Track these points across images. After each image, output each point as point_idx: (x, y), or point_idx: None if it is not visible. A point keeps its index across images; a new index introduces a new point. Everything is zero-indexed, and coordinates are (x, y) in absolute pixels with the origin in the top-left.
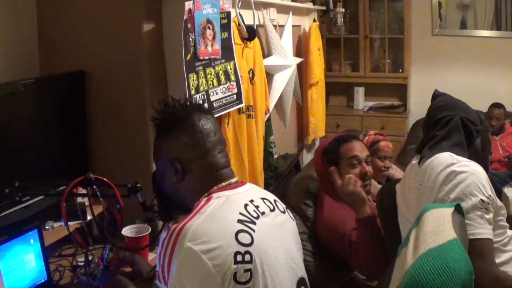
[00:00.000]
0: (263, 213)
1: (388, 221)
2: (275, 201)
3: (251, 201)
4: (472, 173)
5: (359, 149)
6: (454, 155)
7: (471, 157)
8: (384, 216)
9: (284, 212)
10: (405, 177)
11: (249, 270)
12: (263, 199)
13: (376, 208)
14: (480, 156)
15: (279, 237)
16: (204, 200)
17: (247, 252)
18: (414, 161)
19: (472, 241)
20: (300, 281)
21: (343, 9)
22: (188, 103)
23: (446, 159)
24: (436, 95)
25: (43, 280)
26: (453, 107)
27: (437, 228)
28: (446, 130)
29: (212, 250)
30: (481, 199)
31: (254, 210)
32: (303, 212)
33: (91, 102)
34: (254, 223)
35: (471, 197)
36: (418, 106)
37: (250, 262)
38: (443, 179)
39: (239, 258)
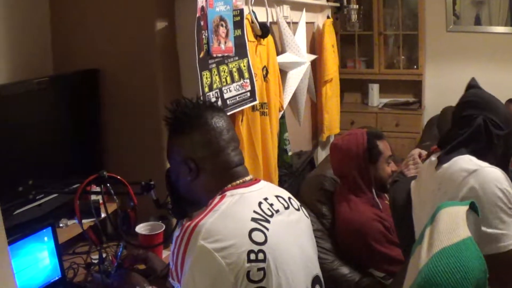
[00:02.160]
0: (277, 211)
1: (401, 218)
2: (289, 198)
3: (265, 199)
4: (490, 180)
5: (390, 148)
6: (473, 159)
7: (490, 161)
8: (397, 213)
9: (298, 210)
10: (421, 175)
11: (263, 269)
12: (277, 196)
13: (389, 205)
14: (500, 161)
15: (293, 235)
16: (218, 197)
17: (261, 250)
18: (434, 158)
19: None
20: (315, 279)
21: (357, 6)
22: (201, 102)
23: (465, 164)
24: (470, 86)
25: (57, 278)
26: (480, 105)
27: (451, 227)
28: (467, 133)
29: (225, 249)
30: (503, 210)
31: (268, 208)
32: (318, 209)
33: (105, 100)
34: (268, 221)
35: (493, 210)
36: (433, 102)
37: (264, 260)
38: (463, 195)
39: (252, 256)
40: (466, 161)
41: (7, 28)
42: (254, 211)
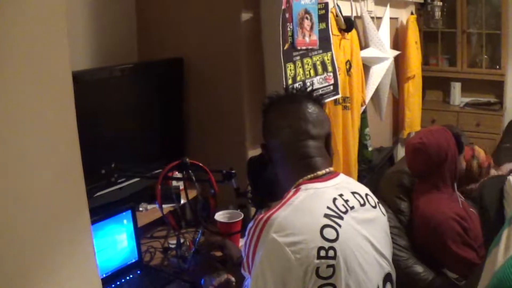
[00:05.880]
0: (352, 208)
1: (489, 218)
2: (366, 195)
3: (341, 195)
4: None
5: None
6: None
7: None
8: (486, 213)
9: (375, 207)
10: None
11: (332, 266)
12: (353, 193)
13: (478, 203)
14: None
15: (367, 232)
16: (292, 191)
17: (331, 247)
18: None
19: None
20: (387, 277)
21: (441, 3)
22: (296, 91)
23: None
24: None
25: (134, 260)
26: None
27: None
28: None
29: (296, 243)
30: None
31: (343, 205)
32: (396, 205)
33: (188, 89)
34: (341, 218)
35: None
36: None
37: (334, 258)
38: None
39: (322, 253)
40: None
41: (94, 14)
42: (328, 207)
